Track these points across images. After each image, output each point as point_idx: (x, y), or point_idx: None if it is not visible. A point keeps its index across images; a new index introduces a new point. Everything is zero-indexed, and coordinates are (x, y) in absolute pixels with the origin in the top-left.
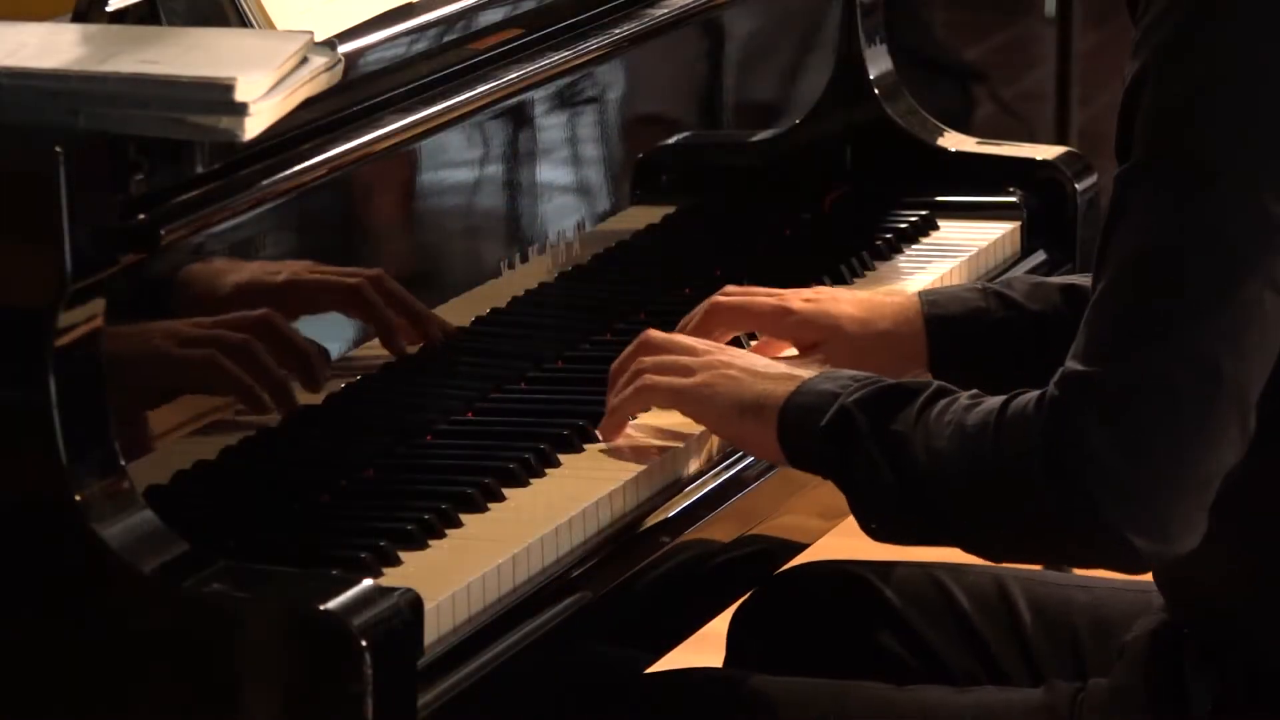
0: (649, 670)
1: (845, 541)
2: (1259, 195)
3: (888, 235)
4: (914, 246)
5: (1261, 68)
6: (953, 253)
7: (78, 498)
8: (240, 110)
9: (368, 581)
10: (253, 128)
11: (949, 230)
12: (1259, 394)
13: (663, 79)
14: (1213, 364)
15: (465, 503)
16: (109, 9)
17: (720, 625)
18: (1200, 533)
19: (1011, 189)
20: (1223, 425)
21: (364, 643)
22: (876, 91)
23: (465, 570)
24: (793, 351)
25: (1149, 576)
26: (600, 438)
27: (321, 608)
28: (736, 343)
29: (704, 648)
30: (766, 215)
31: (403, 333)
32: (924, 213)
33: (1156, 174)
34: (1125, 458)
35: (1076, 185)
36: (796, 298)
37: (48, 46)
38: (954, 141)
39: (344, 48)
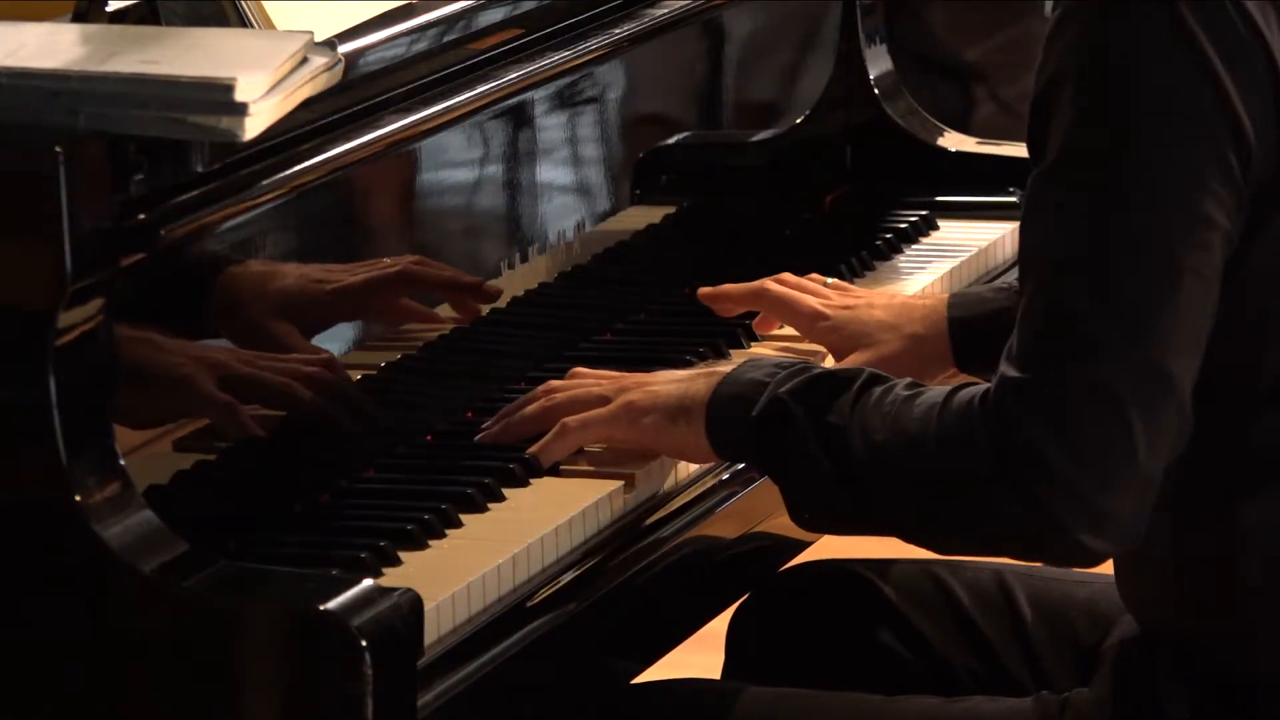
0: (645, 673)
1: (845, 541)
2: (1178, 193)
3: (888, 235)
4: (914, 246)
5: (1169, 67)
6: (953, 253)
7: (78, 498)
8: (240, 110)
9: (368, 581)
10: (253, 128)
11: (949, 230)
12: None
13: (663, 79)
14: (1154, 368)
15: (465, 503)
16: (109, 9)
17: (720, 625)
18: (1146, 523)
19: (1011, 189)
20: (1168, 425)
21: (364, 643)
22: (876, 91)
23: (465, 570)
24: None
25: None
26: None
27: (321, 608)
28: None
29: (704, 647)
30: (766, 215)
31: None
32: (924, 213)
33: (1072, 176)
34: (1074, 463)
35: None
36: (836, 303)
37: (48, 46)
38: (954, 141)
39: (344, 48)
